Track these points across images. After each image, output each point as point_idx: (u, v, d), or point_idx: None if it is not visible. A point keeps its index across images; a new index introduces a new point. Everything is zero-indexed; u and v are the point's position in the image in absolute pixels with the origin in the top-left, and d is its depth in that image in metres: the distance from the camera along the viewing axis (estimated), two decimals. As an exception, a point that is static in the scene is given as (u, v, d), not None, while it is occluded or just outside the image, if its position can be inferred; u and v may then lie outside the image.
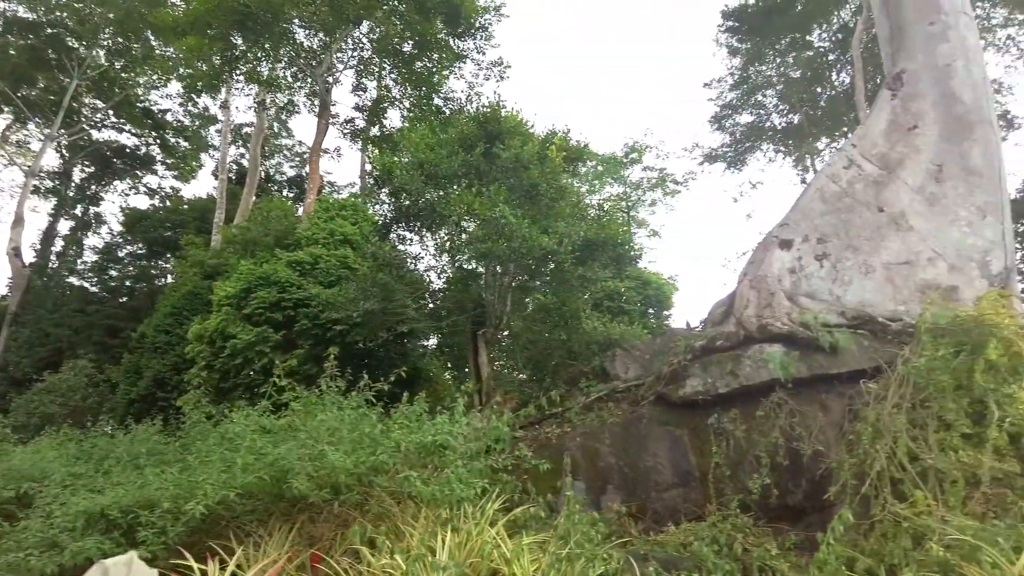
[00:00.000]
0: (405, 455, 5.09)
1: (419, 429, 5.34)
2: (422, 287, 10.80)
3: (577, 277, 8.78)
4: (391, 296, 9.54)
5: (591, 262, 9.00)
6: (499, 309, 9.75)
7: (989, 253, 7.80)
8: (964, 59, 8.64)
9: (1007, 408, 5.77)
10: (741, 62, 22.44)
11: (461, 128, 9.09)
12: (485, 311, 9.80)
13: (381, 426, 5.41)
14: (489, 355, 10.22)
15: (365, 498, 5.01)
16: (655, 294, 14.13)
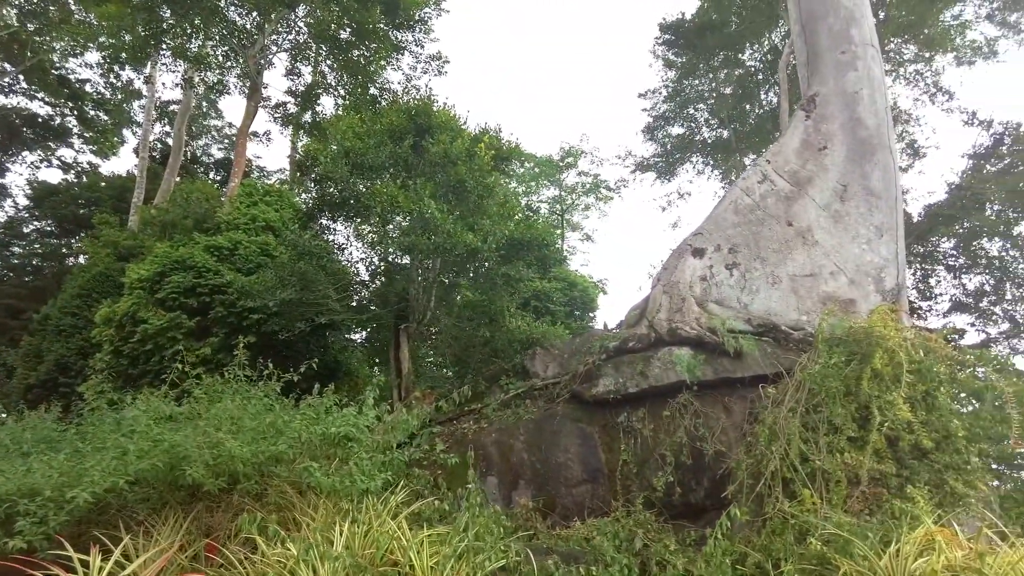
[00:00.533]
0: (308, 446, 5.00)
1: (324, 421, 5.25)
2: (346, 278, 10.62)
3: (501, 276, 8.84)
4: (311, 286, 9.33)
5: (516, 261, 9.08)
6: (424, 304, 9.70)
7: (884, 270, 8.34)
8: (870, 88, 9.21)
9: (887, 413, 6.19)
10: (675, 75, 23.13)
11: (391, 119, 8.99)
12: (409, 305, 9.73)
13: (285, 417, 5.28)
14: (413, 350, 10.15)
15: (264, 488, 4.89)
16: (580, 296, 14.38)
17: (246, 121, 16.40)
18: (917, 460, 6.22)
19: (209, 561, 4.75)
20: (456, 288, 9.98)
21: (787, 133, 9.23)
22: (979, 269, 19.60)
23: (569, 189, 30.09)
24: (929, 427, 6.28)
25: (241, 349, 6.92)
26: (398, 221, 8.89)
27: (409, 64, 17.21)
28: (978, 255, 20.05)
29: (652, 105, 23.68)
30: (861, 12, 9.86)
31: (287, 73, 18.25)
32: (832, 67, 9.48)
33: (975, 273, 20.05)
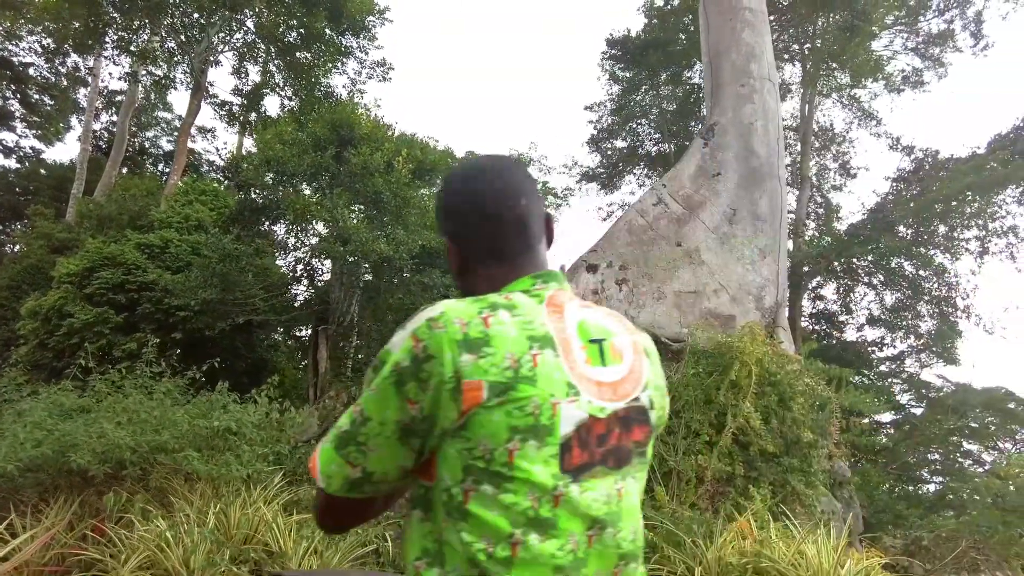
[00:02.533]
0: (193, 437, 5.44)
1: (211, 415, 5.70)
2: (271, 278, 10.98)
3: (415, 283, 9.35)
4: (232, 287, 9.69)
5: (431, 269, 9.60)
6: (344, 307, 10.16)
7: (764, 289, 9.12)
8: (764, 120, 10.01)
9: (739, 420, 6.91)
10: (621, 90, 23.97)
11: (314, 130, 9.42)
12: (330, 308, 10.17)
13: (174, 410, 5.72)
14: (332, 351, 10.58)
15: (149, 474, 5.34)
16: (509, 302, 14.90)
17: (188, 119, 16.55)
18: (765, 463, 6.95)
19: (96, 540, 5.18)
20: (379, 292, 10.46)
21: (685, 159, 9.98)
22: (891, 286, 20.91)
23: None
24: (777, 433, 7.03)
25: (150, 346, 7.29)
26: (315, 228, 9.33)
27: (355, 69, 17.65)
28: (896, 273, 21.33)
29: (598, 118, 24.51)
30: (761, 48, 10.68)
31: (234, 72, 18.44)
32: (732, 99, 10.25)
33: (890, 290, 21.37)
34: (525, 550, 0.93)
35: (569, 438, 0.98)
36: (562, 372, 1.00)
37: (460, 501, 0.95)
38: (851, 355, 19.81)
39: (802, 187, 23.48)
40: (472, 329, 0.97)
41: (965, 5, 22.94)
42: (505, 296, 1.06)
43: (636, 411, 1.08)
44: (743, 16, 10.74)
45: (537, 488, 0.95)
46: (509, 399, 0.95)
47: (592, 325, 1.09)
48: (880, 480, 16.11)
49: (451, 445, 0.97)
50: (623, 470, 1.05)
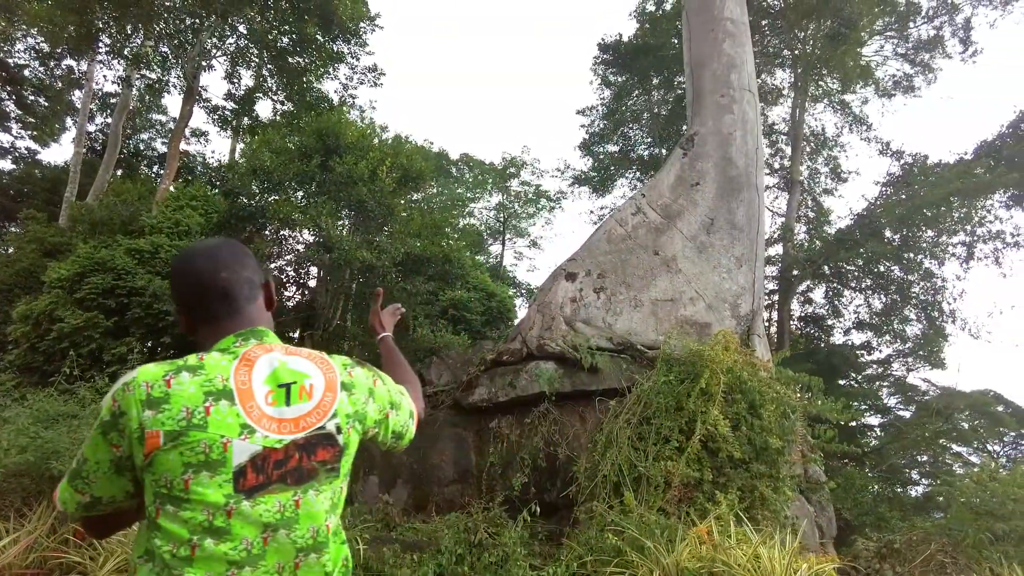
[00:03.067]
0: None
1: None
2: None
3: (399, 289, 9.53)
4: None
5: (415, 276, 9.78)
6: (330, 314, 10.33)
7: (740, 297, 9.31)
8: (743, 130, 10.19)
9: (708, 427, 7.09)
10: (612, 95, 24.14)
11: (301, 139, 9.59)
12: (316, 313, 10.35)
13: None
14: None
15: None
16: (498, 306, 15.14)
17: (180, 125, 16.71)
18: (734, 468, 7.13)
19: (77, 543, 5.35)
20: (364, 299, 10.63)
21: (664, 169, 10.16)
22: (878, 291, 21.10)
23: (514, 196, 31.04)
24: (746, 440, 7.21)
25: (136, 352, 7.43)
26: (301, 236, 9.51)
27: (346, 75, 17.81)
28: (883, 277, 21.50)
29: (590, 122, 24.69)
30: (742, 59, 10.87)
31: (226, 77, 18.60)
32: (712, 109, 10.44)
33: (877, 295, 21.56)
34: (201, 551, 1.26)
35: (243, 466, 1.30)
36: (236, 417, 1.32)
37: (153, 516, 1.29)
38: (837, 359, 20.00)
39: (792, 191, 23.68)
40: (155, 390, 1.30)
41: (954, 12, 23.14)
42: (200, 357, 1.40)
43: (320, 438, 1.41)
44: (724, 27, 10.93)
45: (211, 506, 1.28)
46: (182, 443, 1.27)
47: (287, 371, 1.42)
48: (865, 483, 16.31)
49: (146, 477, 1.30)
50: (304, 485, 1.37)
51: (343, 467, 1.47)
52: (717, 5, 10.99)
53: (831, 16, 20.50)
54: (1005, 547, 8.94)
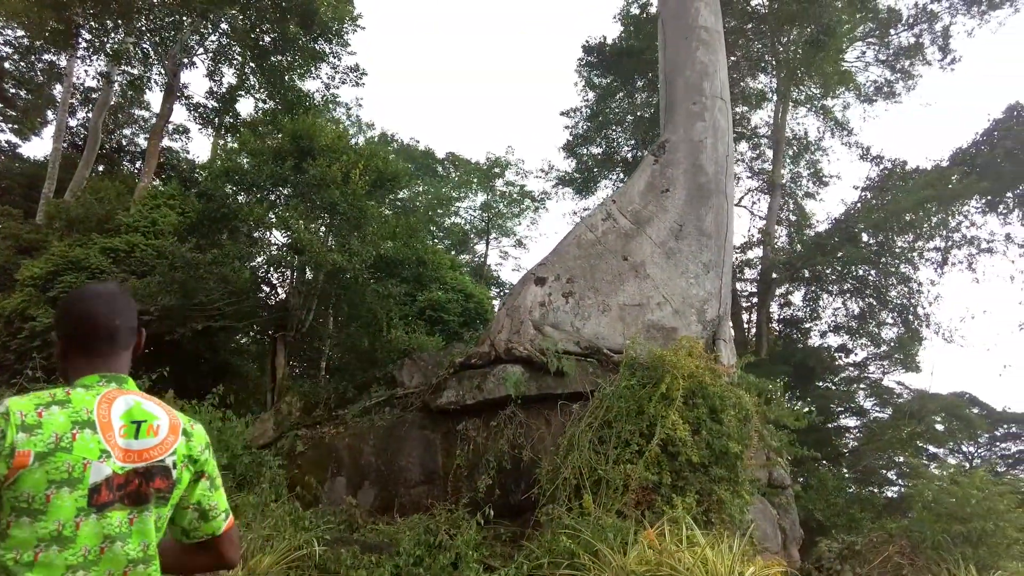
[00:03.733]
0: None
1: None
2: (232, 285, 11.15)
3: (370, 292, 9.60)
4: (192, 293, 9.89)
5: (388, 279, 9.85)
6: (302, 314, 10.38)
7: (706, 303, 9.45)
8: (713, 137, 10.33)
9: (668, 431, 7.22)
10: (596, 97, 24.26)
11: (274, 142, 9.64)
12: (289, 315, 10.40)
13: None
14: (290, 357, 10.80)
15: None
16: (475, 307, 15.24)
17: (159, 122, 16.67)
18: (693, 472, 7.27)
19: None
20: (337, 300, 10.69)
21: (635, 176, 10.28)
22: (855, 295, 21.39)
23: (499, 196, 31.14)
24: (705, 444, 7.34)
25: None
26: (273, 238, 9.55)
27: (328, 74, 17.83)
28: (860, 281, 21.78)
29: (574, 123, 24.80)
30: (715, 67, 11.01)
31: (208, 75, 18.54)
32: (684, 116, 10.58)
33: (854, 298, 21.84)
34: (45, 556, 1.46)
35: (98, 485, 1.52)
36: (97, 443, 1.53)
37: (4, 528, 1.46)
38: (814, 361, 20.24)
39: (773, 194, 23.88)
40: (28, 418, 1.49)
41: (933, 20, 23.43)
42: (67, 392, 1.59)
43: (158, 469, 1.63)
44: (699, 35, 11.07)
45: (64, 518, 1.48)
46: (49, 462, 1.47)
47: (140, 411, 1.65)
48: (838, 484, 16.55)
49: (5, 493, 1.46)
50: (140, 507, 1.59)
51: (173, 498, 1.69)
52: (692, 13, 11.13)
53: (811, 22, 20.72)
54: (963, 548, 9.15)
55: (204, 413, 6.51)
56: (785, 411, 8.06)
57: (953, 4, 22.84)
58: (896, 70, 24.84)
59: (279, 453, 8.84)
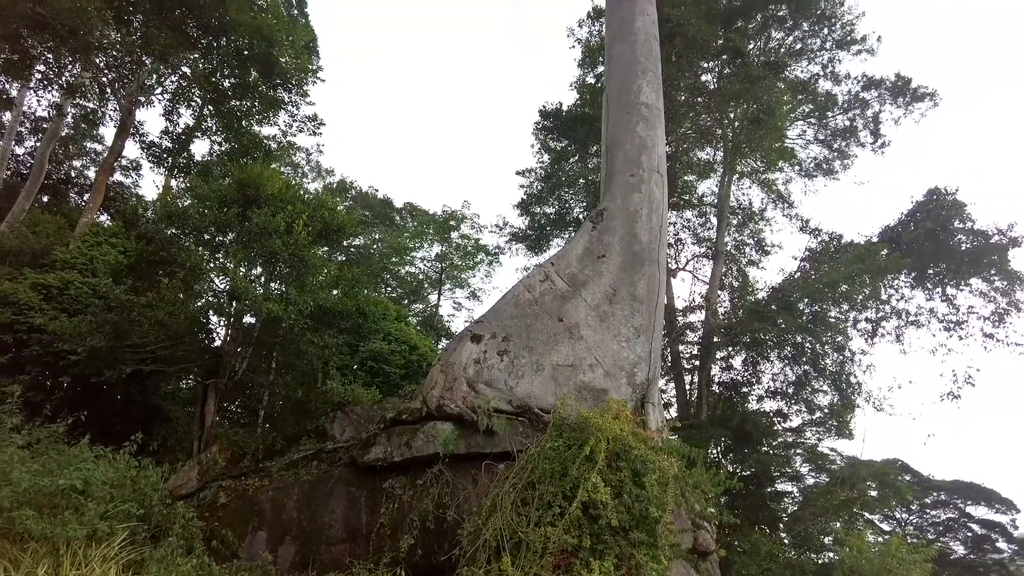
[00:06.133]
0: (35, 495, 5.48)
1: (58, 472, 5.75)
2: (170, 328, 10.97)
3: (306, 342, 9.58)
4: (124, 336, 9.69)
5: (326, 329, 9.86)
6: (235, 362, 10.24)
7: (637, 366, 9.74)
8: (648, 208, 10.84)
9: (590, 494, 7.33)
10: (551, 159, 25.09)
11: (220, 189, 9.70)
12: (222, 361, 10.24)
13: (24, 468, 5.74)
14: (225, 405, 10.59)
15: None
16: (418, 360, 15.23)
17: (109, 158, 16.51)
18: (612, 536, 7.36)
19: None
20: (273, 349, 10.60)
21: (574, 240, 10.66)
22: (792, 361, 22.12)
23: (454, 248, 31.47)
24: (627, 508, 7.47)
25: (15, 396, 7.24)
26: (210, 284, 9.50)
27: (285, 121, 18.07)
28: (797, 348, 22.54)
29: (529, 183, 25.49)
30: (653, 142, 11.63)
31: (165, 114, 18.55)
32: (622, 186, 11.08)
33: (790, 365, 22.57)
34: None
35: None
36: None
37: None
38: (750, 426, 20.69)
39: (716, 260, 24.78)
40: None
41: (865, 107, 25.19)
42: None
43: None
44: (640, 111, 11.71)
45: None
46: None
47: None
48: (772, 550, 16.74)
49: None
50: None
51: None
52: (634, 91, 11.80)
53: (754, 102, 22.05)
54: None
55: (119, 461, 6.34)
56: (706, 477, 8.27)
57: (882, 94, 24.63)
58: (833, 149, 26.46)
59: (200, 504, 8.61)
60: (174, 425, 12.76)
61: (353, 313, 9.93)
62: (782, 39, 25.28)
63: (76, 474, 5.75)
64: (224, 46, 16.36)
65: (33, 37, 15.35)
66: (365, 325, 10.44)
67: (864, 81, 24.15)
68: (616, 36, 12.84)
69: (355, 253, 15.88)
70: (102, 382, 11.25)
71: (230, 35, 16.28)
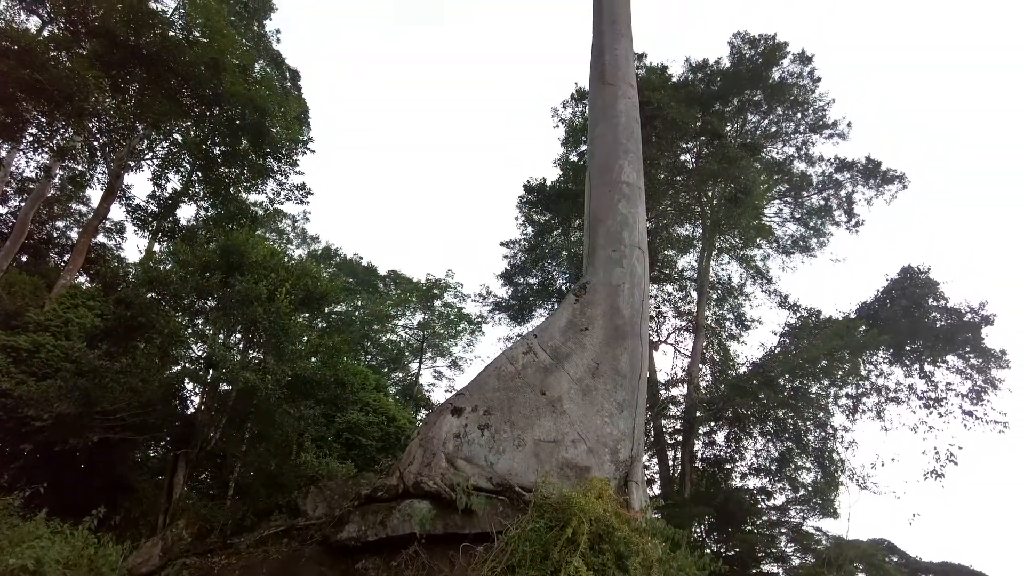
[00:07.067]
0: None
1: (11, 550, 5.43)
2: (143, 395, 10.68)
3: (282, 412, 9.35)
4: (95, 402, 9.40)
5: (303, 399, 9.65)
6: (208, 431, 9.94)
7: (620, 442, 9.59)
8: (630, 283, 10.95)
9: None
10: (535, 231, 25.52)
11: (203, 256, 9.69)
12: (194, 430, 9.93)
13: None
14: (195, 476, 10.20)
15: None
16: (396, 432, 14.89)
17: (94, 220, 16.51)
18: (595, 622, 7.04)
19: None
20: (247, 419, 10.33)
21: (558, 312, 10.70)
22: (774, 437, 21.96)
23: (436, 316, 31.42)
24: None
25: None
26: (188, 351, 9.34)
27: (273, 189, 18.29)
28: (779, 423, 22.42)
29: (512, 254, 25.80)
30: (634, 219, 11.87)
31: (153, 178, 18.71)
32: (604, 261, 11.23)
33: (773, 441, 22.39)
34: None
35: None
36: None
37: None
38: (733, 505, 20.29)
39: (697, 334, 24.94)
40: None
41: (838, 187, 26.12)
42: None
43: None
44: (621, 189, 12.02)
45: None
46: None
47: None
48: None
49: None
50: None
51: None
52: (616, 170, 12.16)
53: (731, 181, 22.80)
54: None
55: (77, 537, 6.01)
56: (690, 560, 8.01)
57: (854, 175, 25.61)
58: (809, 227, 27.19)
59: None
60: (139, 496, 12.22)
61: (331, 383, 9.76)
62: (758, 122, 26.44)
63: (28, 552, 5.43)
64: (217, 115, 16.70)
65: (28, 101, 15.57)
66: (343, 395, 10.24)
67: (837, 163, 25.14)
68: (599, 118, 13.33)
69: (336, 320, 15.75)
70: (66, 450, 10.83)
71: (223, 104, 16.70)
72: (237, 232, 10.54)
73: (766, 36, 24.58)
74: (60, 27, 16.70)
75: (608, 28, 14.37)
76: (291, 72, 22.27)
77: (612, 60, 13.76)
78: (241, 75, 16.08)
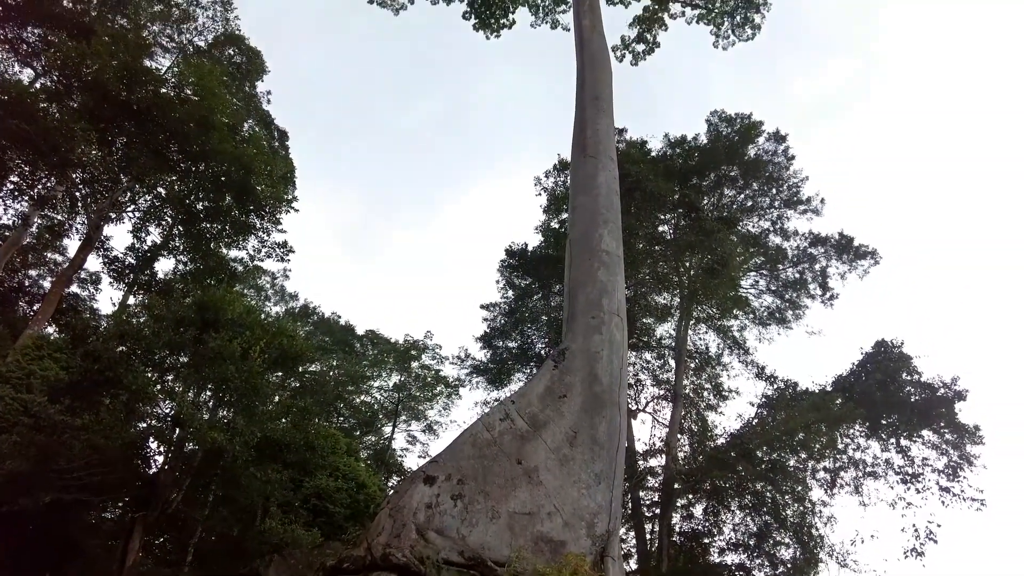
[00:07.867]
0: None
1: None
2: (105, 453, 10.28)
3: (248, 475, 9.03)
4: (51, 459, 9.01)
5: (270, 462, 9.35)
6: (170, 493, 9.55)
7: (597, 516, 9.35)
8: (609, 350, 10.95)
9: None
10: (515, 295, 25.64)
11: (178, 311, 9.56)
12: (155, 492, 9.53)
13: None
14: (147, 540, 9.71)
15: None
16: (366, 499, 14.40)
17: (68, 270, 16.28)
18: None
19: None
20: (212, 481, 9.96)
21: (536, 379, 10.62)
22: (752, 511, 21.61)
23: (413, 378, 31.00)
24: None
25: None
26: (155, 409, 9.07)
27: (254, 246, 18.26)
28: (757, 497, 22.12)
29: (492, 317, 25.82)
30: (614, 286, 11.99)
31: (133, 231, 18.60)
32: (583, 328, 11.25)
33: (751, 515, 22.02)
34: None
35: None
36: None
37: None
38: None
39: (675, 404, 24.83)
40: None
41: (813, 262, 26.75)
42: None
43: None
44: (600, 257, 12.19)
45: None
46: None
47: None
48: None
49: None
50: None
51: None
52: (596, 238, 12.36)
53: (708, 253, 23.28)
54: None
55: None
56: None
57: (827, 250, 26.29)
58: (785, 300, 27.62)
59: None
60: (90, 562, 11.54)
61: (301, 445, 9.49)
62: (734, 196, 27.23)
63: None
64: (202, 171, 16.84)
65: (12, 150, 15.59)
66: (312, 459, 9.95)
67: (811, 238, 25.83)
68: (580, 189, 13.65)
69: (310, 379, 15.48)
70: (15, 511, 10.30)
71: (210, 161, 16.87)
72: (215, 288, 10.45)
73: (742, 115, 25.67)
74: (53, 80, 16.92)
75: (590, 104, 14.92)
76: (279, 132, 22.66)
77: (594, 134, 14.21)
78: (229, 133, 16.32)
